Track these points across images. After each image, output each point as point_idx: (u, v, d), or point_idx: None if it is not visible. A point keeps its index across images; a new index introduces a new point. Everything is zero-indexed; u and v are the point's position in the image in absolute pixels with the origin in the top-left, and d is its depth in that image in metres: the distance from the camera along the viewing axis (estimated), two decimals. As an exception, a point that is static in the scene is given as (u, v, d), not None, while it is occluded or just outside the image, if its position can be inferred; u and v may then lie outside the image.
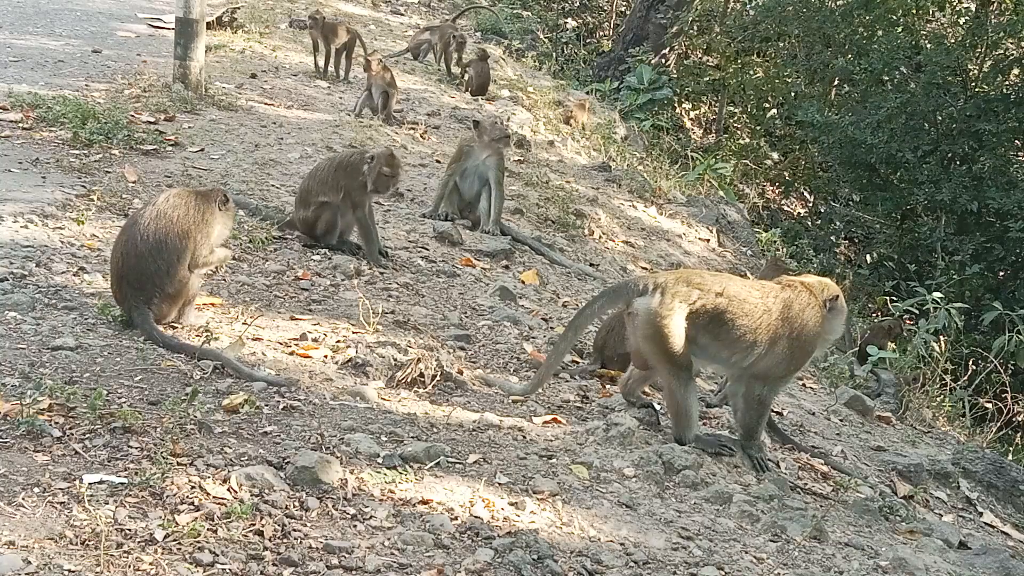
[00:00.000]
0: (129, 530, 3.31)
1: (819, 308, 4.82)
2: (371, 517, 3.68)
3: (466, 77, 14.01)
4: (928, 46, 17.51)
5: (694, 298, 4.70)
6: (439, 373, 4.99)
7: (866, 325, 10.87)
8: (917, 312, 9.35)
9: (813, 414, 6.70)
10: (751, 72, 22.01)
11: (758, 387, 4.85)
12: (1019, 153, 17.06)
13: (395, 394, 4.81)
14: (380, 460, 4.07)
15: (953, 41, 17.70)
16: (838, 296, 4.89)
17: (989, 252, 15.41)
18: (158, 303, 4.93)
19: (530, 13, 23.38)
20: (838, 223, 18.92)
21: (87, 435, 3.84)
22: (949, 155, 16.71)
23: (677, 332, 4.67)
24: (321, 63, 12.45)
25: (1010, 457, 8.01)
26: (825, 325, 4.85)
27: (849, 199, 19.88)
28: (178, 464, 3.72)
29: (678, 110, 22.11)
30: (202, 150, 8.36)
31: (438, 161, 9.84)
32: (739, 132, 22.40)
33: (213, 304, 5.44)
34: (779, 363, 4.79)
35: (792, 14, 19.04)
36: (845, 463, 5.65)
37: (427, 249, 7.38)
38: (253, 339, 5.09)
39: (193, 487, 3.60)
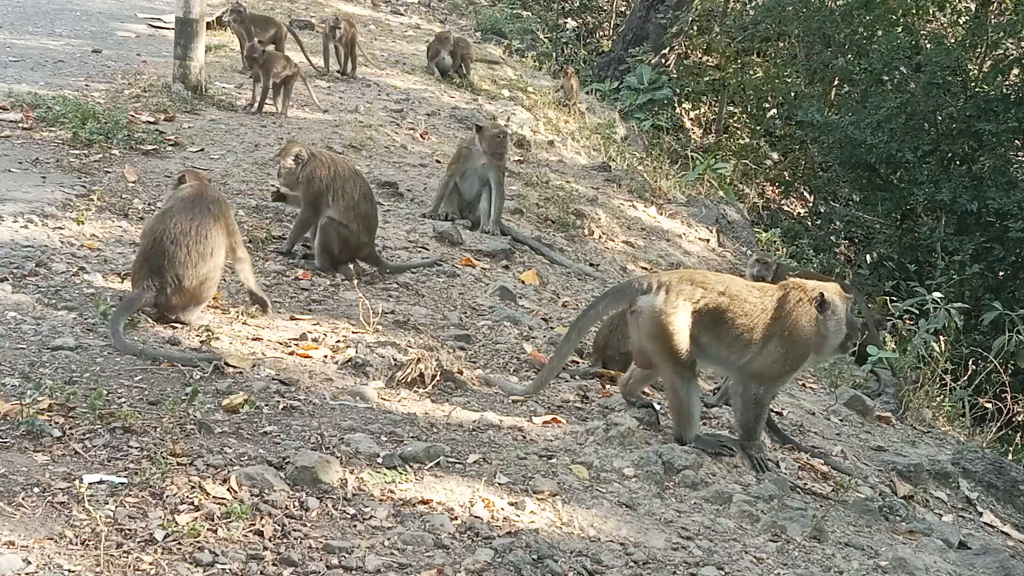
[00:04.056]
0: (129, 530, 3.31)
1: (811, 308, 4.80)
2: (371, 517, 3.68)
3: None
4: (928, 46, 17.49)
5: (698, 297, 4.73)
6: (439, 373, 4.99)
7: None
8: (917, 312, 9.33)
9: (813, 414, 6.70)
10: (751, 72, 22.00)
11: (755, 387, 4.85)
12: (1019, 153, 17.03)
13: (395, 394, 4.81)
14: (380, 460, 4.07)
15: (953, 41, 17.68)
16: (822, 295, 4.80)
17: (989, 252, 15.38)
18: (170, 293, 4.96)
19: (530, 13, 23.37)
20: (838, 223, 18.90)
21: (87, 435, 3.84)
22: (949, 155, 16.69)
23: (681, 330, 4.69)
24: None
25: (1010, 457, 8.00)
26: (820, 327, 4.81)
27: (849, 199, 19.87)
28: (178, 464, 3.73)
29: (678, 110, 22.09)
30: (202, 150, 8.36)
31: (438, 161, 9.85)
32: (739, 132, 22.39)
33: (215, 299, 5.45)
34: (773, 362, 4.78)
35: (792, 14, 19.02)
36: (845, 463, 5.65)
37: (427, 249, 7.38)
38: (253, 339, 5.09)
39: (193, 487, 3.60)
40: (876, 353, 8.57)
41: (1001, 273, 15.65)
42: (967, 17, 18.97)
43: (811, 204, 21.02)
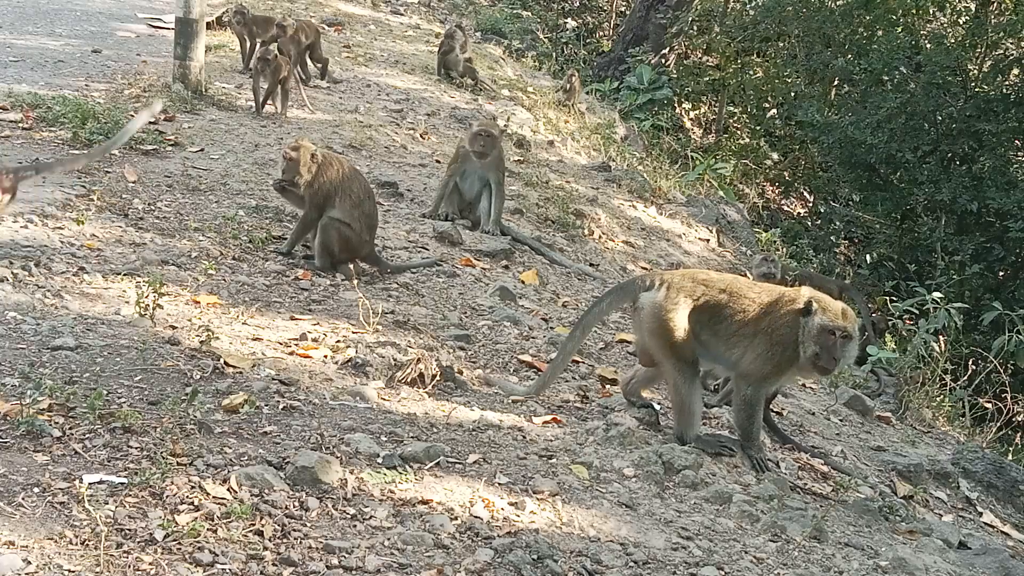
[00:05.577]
0: (129, 530, 3.31)
1: (796, 312, 4.79)
2: (371, 517, 3.68)
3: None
4: (928, 46, 17.49)
5: (699, 294, 4.80)
6: (439, 373, 4.99)
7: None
8: (917, 312, 9.32)
9: (813, 414, 6.70)
10: (751, 72, 21.99)
11: (744, 386, 4.87)
12: (1019, 153, 17.02)
13: (395, 394, 4.81)
14: (380, 460, 4.07)
15: (953, 41, 17.67)
16: (810, 301, 4.74)
17: (989, 252, 15.38)
18: None
19: (530, 13, 23.37)
20: (838, 223, 18.89)
21: (87, 435, 3.84)
22: (949, 155, 16.69)
23: (682, 325, 4.73)
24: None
25: (1010, 457, 8.01)
26: (800, 331, 4.72)
27: (849, 199, 19.85)
28: (178, 464, 3.72)
29: (678, 110, 22.08)
30: (202, 150, 8.36)
31: (438, 161, 9.84)
32: (739, 132, 22.37)
33: (215, 302, 5.44)
34: (756, 357, 4.78)
35: (792, 14, 19.02)
36: (845, 463, 5.65)
37: (427, 249, 7.38)
38: (253, 339, 5.09)
39: (193, 487, 3.60)
40: (876, 353, 8.57)
41: (1001, 273, 15.65)
42: (967, 17, 18.95)
43: (811, 204, 21.02)
